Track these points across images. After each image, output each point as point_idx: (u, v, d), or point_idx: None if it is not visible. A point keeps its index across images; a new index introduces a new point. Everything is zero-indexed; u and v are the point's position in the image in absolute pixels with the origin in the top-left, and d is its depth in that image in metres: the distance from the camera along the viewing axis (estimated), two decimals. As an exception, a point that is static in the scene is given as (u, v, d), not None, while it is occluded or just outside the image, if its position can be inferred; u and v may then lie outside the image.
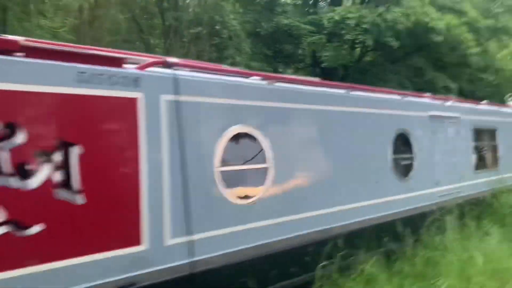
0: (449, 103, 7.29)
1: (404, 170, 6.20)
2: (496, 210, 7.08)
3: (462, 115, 7.21)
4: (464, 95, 38.38)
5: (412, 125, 6.29)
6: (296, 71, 37.17)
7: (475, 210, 7.06)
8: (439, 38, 25.68)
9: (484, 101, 9.57)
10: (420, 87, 31.04)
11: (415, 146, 6.30)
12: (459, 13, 29.11)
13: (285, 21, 26.18)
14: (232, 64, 26.18)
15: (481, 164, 8.11)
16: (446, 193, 6.70)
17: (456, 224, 6.16)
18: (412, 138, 6.26)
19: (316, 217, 4.83)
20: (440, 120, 6.75)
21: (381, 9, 24.92)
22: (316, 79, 5.91)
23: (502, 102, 35.91)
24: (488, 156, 7.97)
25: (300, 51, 32.28)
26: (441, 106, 7.15)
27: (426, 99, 7.20)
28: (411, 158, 6.25)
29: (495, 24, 31.52)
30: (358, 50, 34.66)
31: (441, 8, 28.71)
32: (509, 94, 11.93)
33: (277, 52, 33.44)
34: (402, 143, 6.18)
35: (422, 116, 6.57)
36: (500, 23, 31.32)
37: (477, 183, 7.56)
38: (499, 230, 6.44)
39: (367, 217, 5.59)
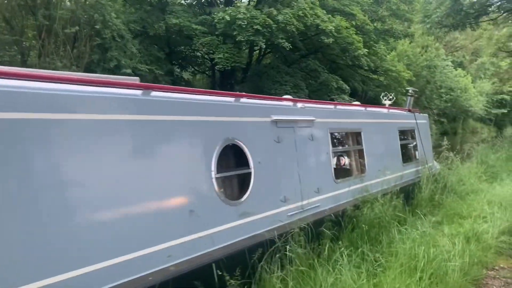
0: (300, 105, 6.20)
1: (235, 190, 4.98)
2: (356, 225, 6.26)
3: (318, 117, 6.23)
4: (359, 95, 39.92)
5: (246, 133, 5.04)
6: (194, 74, 35.73)
7: (335, 226, 6.10)
8: (329, 40, 25.84)
9: (356, 102, 8.98)
10: (315, 89, 31.37)
11: (252, 159, 5.08)
12: (348, 15, 29.81)
13: (174, 21, 24.56)
14: (117, 67, 23.99)
15: (343, 172, 7.06)
16: (298, 210, 5.65)
17: (305, 251, 5.12)
18: (248, 149, 5.03)
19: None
20: (288, 124, 5.64)
21: (272, 10, 24.37)
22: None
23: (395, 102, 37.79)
24: (353, 162, 7.32)
25: (199, 54, 30.90)
26: (289, 109, 6.03)
27: (270, 101, 5.90)
28: (247, 174, 5.02)
29: (382, 27, 32.89)
30: (256, 52, 34.21)
31: (331, 11, 29.15)
32: (384, 93, 11.32)
33: (171, 54, 31.71)
34: (233, 156, 4.94)
35: (263, 122, 5.38)
36: (386, 25, 32.71)
37: (339, 195, 6.63)
38: (355, 252, 5.54)
39: (169, 264, 3.81)
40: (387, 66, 32.60)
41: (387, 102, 10.26)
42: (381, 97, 10.63)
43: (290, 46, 25.00)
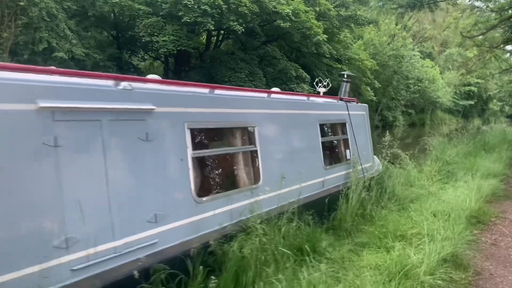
0: (125, 85, 3.79)
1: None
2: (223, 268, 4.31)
3: (162, 105, 4.01)
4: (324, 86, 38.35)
5: None
6: (144, 60, 33.25)
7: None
8: (286, 24, 23.92)
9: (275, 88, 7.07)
10: (274, 77, 29.49)
11: None
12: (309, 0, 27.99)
13: (114, 0, 22.14)
14: (49, 50, 21.45)
15: (215, 185, 4.79)
16: (100, 258, 3.39)
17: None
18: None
19: None
20: (85, 116, 3.35)
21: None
22: None
23: (358, 93, 36.24)
24: (237, 169, 4.94)
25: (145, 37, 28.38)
26: (91, 91, 3.53)
27: (39, 74, 3.62)
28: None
29: (345, 13, 31.20)
30: (207, 36, 32.01)
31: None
32: (318, 79, 9.34)
33: (119, 39, 29.19)
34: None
35: (16, 111, 3.01)
36: (350, 11, 31.04)
37: (202, 221, 4.28)
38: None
39: None
40: (350, 54, 30.94)
41: (322, 90, 8.45)
42: (314, 83, 8.79)
43: (243, 30, 22.99)
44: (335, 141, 7.06)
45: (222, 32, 32.01)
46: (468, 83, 68.86)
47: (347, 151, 7.27)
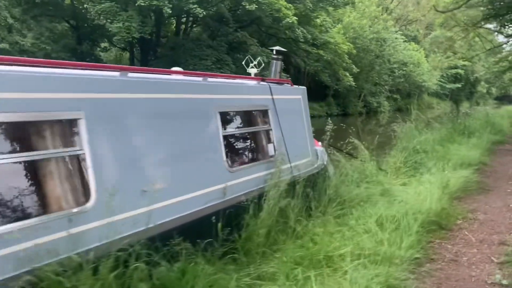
0: None
1: None
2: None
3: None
4: (302, 72, 36.68)
5: None
6: (106, 50, 31.37)
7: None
8: (252, 6, 22.20)
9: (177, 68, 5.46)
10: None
11: None
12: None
13: (61, -16, 20.26)
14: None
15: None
16: None
17: None
18: None
19: None
20: None
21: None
22: None
23: (336, 79, 34.64)
24: (50, 184, 3.14)
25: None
26: None
27: None
28: None
29: (319, -6, 29.54)
30: (176, 23, 30.24)
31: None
32: (248, 57, 7.56)
33: (78, 28, 27.28)
34: None
35: None
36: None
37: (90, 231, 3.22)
38: None
39: None
40: (325, 38, 29.27)
41: (252, 71, 6.86)
42: (243, 63, 7.18)
43: (204, 13, 21.23)
44: (248, 134, 5.44)
45: (191, 18, 30.30)
46: (454, 66, 67.71)
47: (269, 145, 5.68)
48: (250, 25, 31.76)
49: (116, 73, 3.75)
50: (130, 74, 3.85)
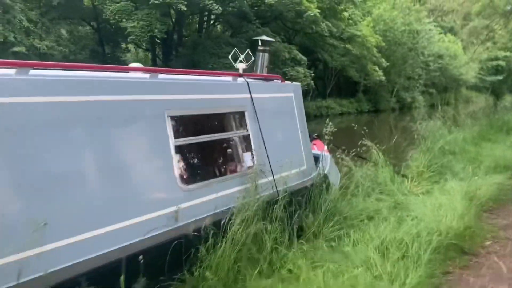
0: None
1: None
2: None
3: None
4: (330, 68, 35.24)
5: None
6: (127, 51, 31.19)
7: None
8: (271, 0, 21.19)
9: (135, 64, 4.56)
10: (265, 61, 26.79)
11: None
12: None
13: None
14: (8, 44, 19.56)
15: None
16: None
17: None
18: None
19: None
20: None
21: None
22: None
23: (365, 74, 33.05)
24: None
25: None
26: None
27: None
28: None
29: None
30: (198, 22, 29.65)
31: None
32: (234, 49, 6.41)
33: (99, 30, 27.15)
34: None
35: None
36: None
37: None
38: None
39: None
40: (352, 31, 27.81)
41: (241, 66, 5.91)
42: (229, 57, 6.23)
43: (220, 9, 20.40)
44: (215, 142, 4.48)
45: (213, 16, 29.66)
46: (495, 57, 64.11)
47: (246, 155, 4.70)
48: (274, 21, 30.78)
49: (11, 71, 2.90)
50: (33, 72, 2.99)
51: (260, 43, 5.91)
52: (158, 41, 27.33)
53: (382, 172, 7.49)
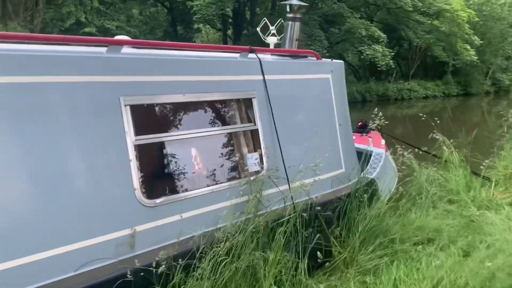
0: None
1: None
2: None
3: None
4: (413, 47, 32.08)
5: None
6: (199, 31, 30.87)
7: None
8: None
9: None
10: (339, 39, 24.84)
11: None
12: None
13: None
14: (79, 25, 20.04)
15: None
16: None
17: None
18: None
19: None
20: None
21: None
22: None
23: (454, 53, 29.56)
24: None
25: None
26: None
27: None
28: None
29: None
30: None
31: None
32: (263, 21, 5.05)
33: (172, 10, 27.09)
34: None
35: None
36: None
37: None
38: None
39: None
40: (440, 5, 24.68)
41: (272, 40, 4.76)
42: (258, 30, 5.07)
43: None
44: (202, 139, 3.36)
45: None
46: None
47: (251, 156, 3.56)
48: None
49: None
50: None
51: (288, 9, 4.63)
52: (230, 20, 26.58)
53: (455, 175, 5.92)
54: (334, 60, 4.65)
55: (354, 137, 5.90)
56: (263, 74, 3.69)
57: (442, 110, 25.09)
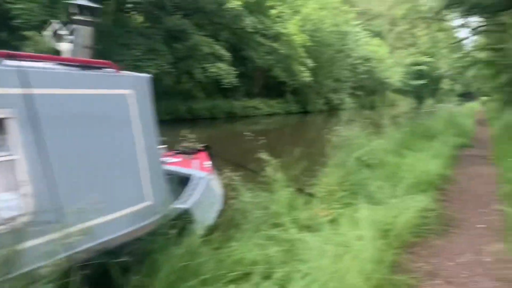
0: None
1: None
2: None
3: None
4: (259, 68, 33.74)
5: None
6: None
7: None
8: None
9: None
10: (183, 55, 24.64)
11: None
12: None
13: None
14: None
15: None
16: None
17: None
18: None
19: None
20: None
21: None
22: None
23: (292, 74, 31.88)
24: None
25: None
26: None
27: None
28: None
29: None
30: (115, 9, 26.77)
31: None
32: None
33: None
34: None
35: None
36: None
37: None
38: None
39: None
40: (277, 28, 26.41)
41: (64, 45, 3.87)
42: (45, 33, 4.11)
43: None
44: None
45: (129, 5, 26.99)
46: (418, 63, 66.80)
47: (3, 196, 2.68)
48: (197, 13, 28.68)
49: None
50: None
51: (77, 10, 3.82)
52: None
53: (280, 196, 5.77)
54: (138, 74, 3.98)
55: (178, 160, 5.31)
56: (26, 87, 2.81)
57: (284, 127, 26.65)
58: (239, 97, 31.29)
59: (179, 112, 24.00)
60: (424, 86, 72.68)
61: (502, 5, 15.69)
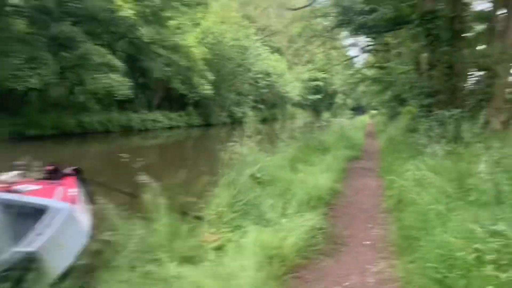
0: None
1: None
2: None
3: None
4: (158, 79, 32.66)
5: None
6: None
7: None
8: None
9: None
10: (72, 65, 22.85)
11: None
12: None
13: None
14: None
15: None
16: None
17: None
18: None
19: None
20: None
21: None
22: None
23: (192, 87, 31.40)
24: None
25: None
26: None
27: None
28: None
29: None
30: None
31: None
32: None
33: None
34: None
35: None
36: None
37: None
38: None
39: None
40: (174, 40, 25.80)
41: None
42: None
43: None
44: None
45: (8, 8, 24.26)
46: (315, 78, 70.42)
47: None
48: (90, 21, 26.86)
49: None
50: None
51: None
52: None
53: (160, 224, 5.20)
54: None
55: (38, 187, 4.51)
56: None
57: (182, 141, 25.90)
58: (138, 110, 29.90)
59: (67, 126, 22.04)
60: (321, 101, 77.02)
61: (385, 26, 17.00)
